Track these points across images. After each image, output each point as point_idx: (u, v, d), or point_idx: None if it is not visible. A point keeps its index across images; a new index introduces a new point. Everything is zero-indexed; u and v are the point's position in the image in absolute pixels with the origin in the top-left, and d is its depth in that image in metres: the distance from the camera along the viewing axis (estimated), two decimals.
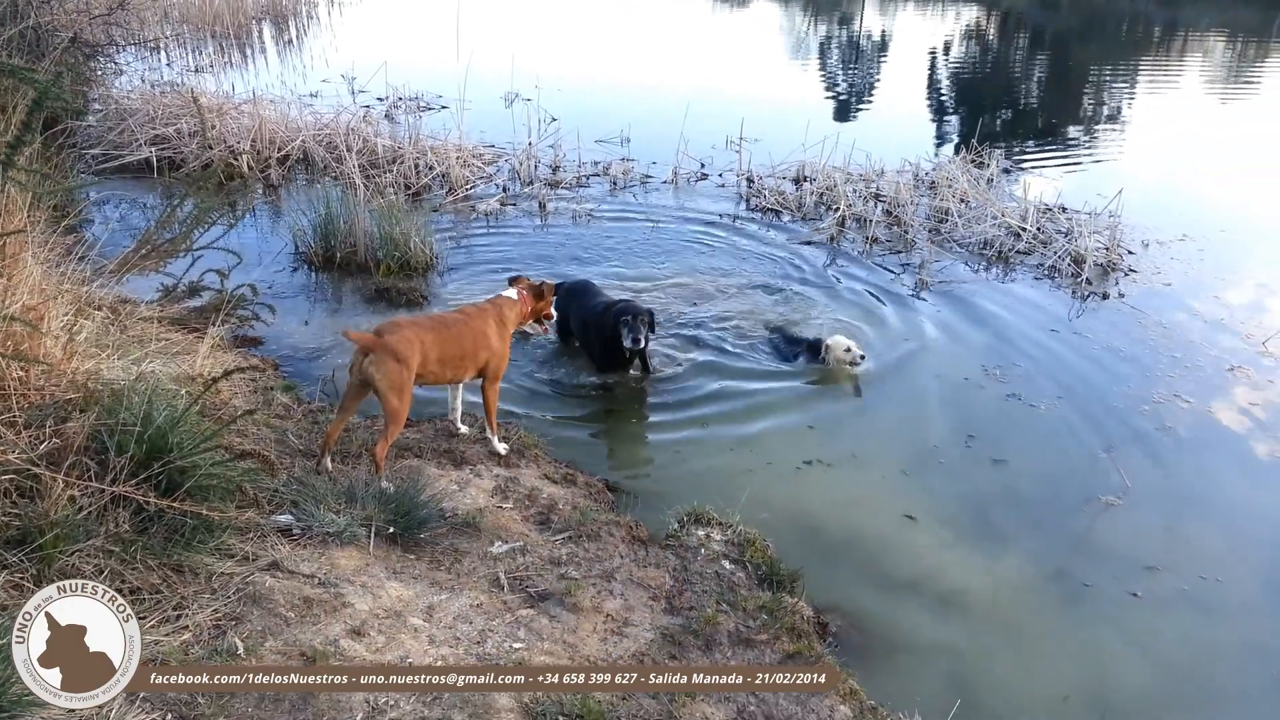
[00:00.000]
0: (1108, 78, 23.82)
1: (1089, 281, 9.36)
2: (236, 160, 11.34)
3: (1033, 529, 5.72)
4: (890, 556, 5.36)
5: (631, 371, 7.23)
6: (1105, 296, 9.12)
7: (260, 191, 11.22)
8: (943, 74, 23.77)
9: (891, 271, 9.60)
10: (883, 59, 26.58)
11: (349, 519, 4.27)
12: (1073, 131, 17.38)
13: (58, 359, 4.21)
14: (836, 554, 5.34)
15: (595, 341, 7.16)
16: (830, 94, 20.12)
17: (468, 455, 5.55)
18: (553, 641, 3.94)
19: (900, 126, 16.56)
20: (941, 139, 16.14)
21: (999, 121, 17.88)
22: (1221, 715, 4.54)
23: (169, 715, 2.90)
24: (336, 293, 8.50)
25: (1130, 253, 10.13)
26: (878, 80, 22.57)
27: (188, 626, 3.36)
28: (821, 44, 28.89)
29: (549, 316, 6.08)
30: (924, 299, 8.94)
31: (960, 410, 6.99)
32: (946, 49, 27.60)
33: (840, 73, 23.45)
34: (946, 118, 18.69)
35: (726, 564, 4.88)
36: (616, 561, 4.71)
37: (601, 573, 4.58)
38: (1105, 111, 19.79)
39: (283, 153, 11.81)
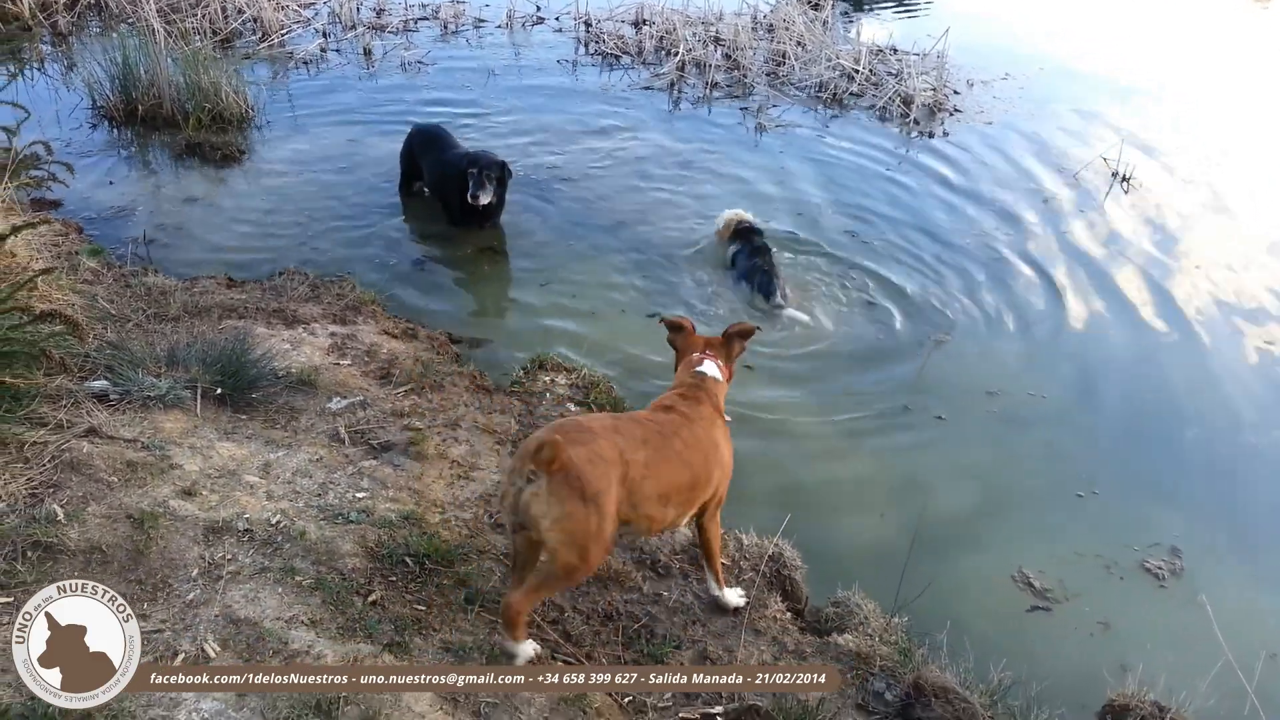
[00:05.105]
0: None
1: (917, 122, 9.64)
2: (16, 4, 10.11)
3: (872, 368, 5.99)
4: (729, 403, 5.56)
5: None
6: (932, 135, 9.44)
7: (49, 40, 10.08)
8: None
9: (732, 117, 9.59)
10: None
11: (171, 382, 4.07)
12: None
13: None
14: None
15: (453, 194, 6.79)
16: None
17: (300, 314, 5.35)
18: (397, 489, 3.95)
19: None
20: None
21: None
22: (1018, 514, 5.02)
23: None
24: (142, 149, 7.83)
25: (956, 93, 10.45)
26: None
27: (0, 497, 3.18)
28: None
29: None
30: (763, 142, 9.00)
31: (794, 250, 7.18)
32: None
33: None
34: None
35: (572, 406, 4.96)
36: (461, 410, 4.71)
37: (446, 422, 4.57)
38: None
39: None
